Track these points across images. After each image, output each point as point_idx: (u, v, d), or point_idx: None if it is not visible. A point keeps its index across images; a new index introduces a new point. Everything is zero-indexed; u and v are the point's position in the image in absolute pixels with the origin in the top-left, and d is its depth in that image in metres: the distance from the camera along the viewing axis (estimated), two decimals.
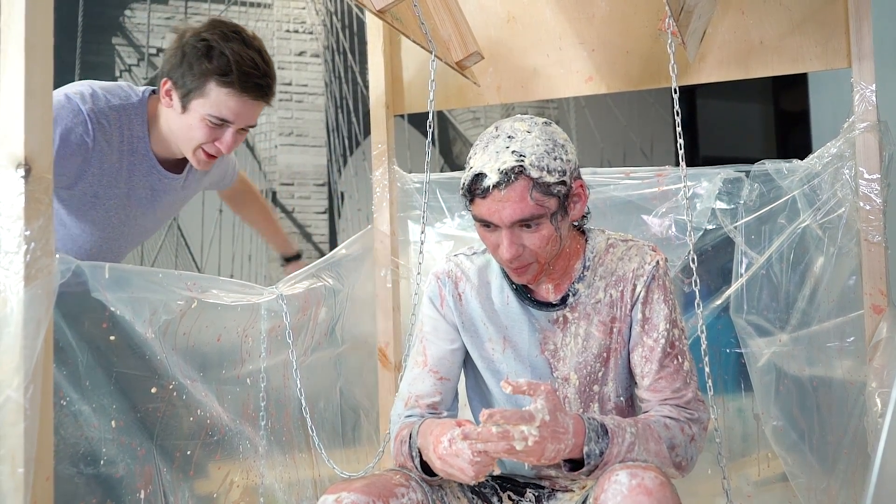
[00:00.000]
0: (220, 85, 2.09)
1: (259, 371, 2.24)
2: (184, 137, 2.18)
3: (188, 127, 2.15)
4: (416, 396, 1.88)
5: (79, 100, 2.10)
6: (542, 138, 1.70)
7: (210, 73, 2.09)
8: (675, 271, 2.49)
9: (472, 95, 2.63)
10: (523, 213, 1.67)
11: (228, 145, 2.17)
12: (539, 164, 1.66)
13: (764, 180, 2.42)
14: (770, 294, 2.42)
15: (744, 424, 2.61)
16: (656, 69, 2.44)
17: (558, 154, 1.69)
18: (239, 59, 2.09)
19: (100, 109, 2.12)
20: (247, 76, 2.10)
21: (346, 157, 4.97)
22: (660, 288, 1.81)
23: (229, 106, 2.11)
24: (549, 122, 1.75)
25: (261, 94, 2.15)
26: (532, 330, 1.85)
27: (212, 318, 2.09)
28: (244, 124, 2.17)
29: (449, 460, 1.61)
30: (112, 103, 2.16)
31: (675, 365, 1.79)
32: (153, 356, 1.94)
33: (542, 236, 1.70)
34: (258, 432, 2.24)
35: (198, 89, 2.11)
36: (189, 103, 2.13)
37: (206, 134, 2.15)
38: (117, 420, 1.86)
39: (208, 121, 2.13)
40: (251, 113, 2.16)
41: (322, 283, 2.45)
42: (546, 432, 1.55)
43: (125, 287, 1.86)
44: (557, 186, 1.68)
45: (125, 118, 2.18)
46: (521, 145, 1.68)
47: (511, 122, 1.74)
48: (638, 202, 2.53)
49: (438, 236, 2.80)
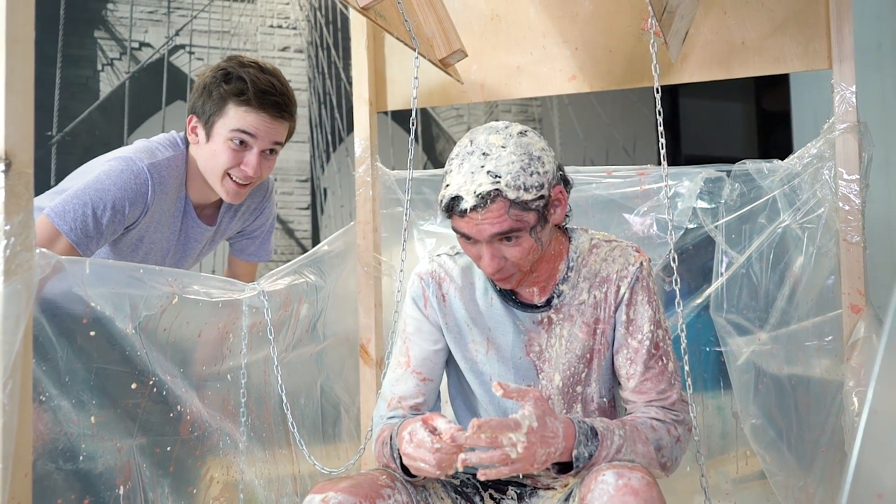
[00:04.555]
0: (238, 104, 2.16)
1: (240, 367, 2.24)
2: (211, 167, 2.22)
3: (213, 154, 2.20)
4: (398, 398, 1.88)
5: (136, 158, 2.14)
6: (518, 153, 1.68)
7: (228, 95, 2.16)
8: (656, 270, 2.49)
9: (456, 93, 2.63)
10: (502, 229, 1.67)
11: (254, 167, 2.19)
12: (515, 184, 1.65)
13: (745, 180, 2.43)
14: (750, 293, 2.43)
15: (723, 422, 2.62)
16: (639, 68, 2.45)
17: (535, 168, 1.68)
18: (255, 79, 2.16)
19: (159, 162, 2.18)
20: (263, 94, 2.17)
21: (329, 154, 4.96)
22: (644, 289, 1.82)
23: (249, 122, 2.17)
24: (524, 131, 1.73)
25: (279, 112, 2.20)
26: (517, 332, 1.85)
27: (193, 314, 2.08)
28: (268, 143, 2.21)
29: (413, 453, 1.62)
30: (168, 154, 2.22)
31: (660, 366, 1.80)
32: (133, 352, 1.93)
33: (523, 248, 1.71)
34: (238, 428, 2.23)
35: (218, 112, 2.17)
36: (212, 129, 2.19)
37: (230, 157, 2.19)
38: (97, 416, 1.85)
39: (231, 142, 2.17)
40: (272, 131, 2.20)
41: (304, 280, 2.45)
42: (534, 438, 1.55)
43: (106, 282, 1.85)
44: (536, 202, 1.68)
45: (180, 166, 2.24)
46: (497, 164, 1.66)
47: (486, 136, 1.71)
48: (620, 201, 2.54)
49: (421, 233, 2.80)
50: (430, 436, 1.60)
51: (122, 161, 2.13)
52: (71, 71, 4.28)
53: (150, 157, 2.17)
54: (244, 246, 2.56)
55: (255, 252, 2.58)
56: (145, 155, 2.17)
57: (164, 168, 2.19)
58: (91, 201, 2.06)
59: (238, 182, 2.22)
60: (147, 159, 2.16)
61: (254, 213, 2.49)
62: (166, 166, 2.19)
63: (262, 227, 2.55)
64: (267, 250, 2.60)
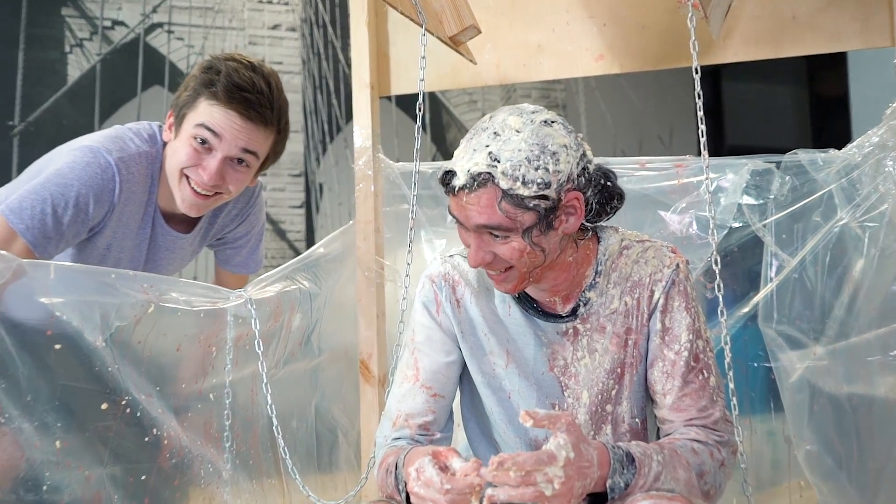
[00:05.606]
0: (208, 98, 2.13)
1: (224, 385, 2.24)
2: (170, 166, 2.19)
3: (174, 151, 2.17)
4: (405, 415, 1.88)
5: (103, 149, 2.13)
6: (530, 141, 1.68)
7: (201, 86, 2.13)
8: (697, 274, 2.49)
9: (468, 75, 2.63)
10: (490, 222, 1.68)
11: (212, 173, 2.13)
12: (512, 174, 1.65)
13: (797, 172, 2.42)
14: (803, 301, 2.42)
15: (773, 449, 2.61)
16: (675, 47, 2.44)
17: (543, 163, 1.67)
18: (233, 72, 2.13)
19: (129, 156, 2.16)
20: (235, 87, 2.11)
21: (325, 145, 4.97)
22: (681, 294, 1.81)
23: (215, 117, 2.12)
24: (551, 121, 1.73)
25: (248, 111, 2.12)
26: (539, 344, 1.84)
27: (171, 325, 2.09)
28: (234, 149, 2.14)
29: (421, 493, 1.59)
30: (142, 149, 2.19)
31: (701, 381, 1.79)
32: (104, 368, 1.93)
33: (513, 249, 1.70)
34: (222, 455, 2.23)
35: (189, 104, 2.15)
36: (181, 124, 2.16)
37: (190, 156, 2.14)
38: (62, 440, 1.86)
39: (193, 140, 2.13)
40: (241, 134, 2.13)
41: (297, 286, 2.45)
42: (572, 470, 1.54)
43: (73, 289, 1.86)
44: (535, 200, 1.67)
45: (154, 165, 2.22)
46: (501, 147, 1.67)
47: (506, 115, 1.73)
48: (654, 196, 2.53)
49: (429, 234, 2.80)
50: (441, 474, 1.58)
51: (88, 152, 2.12)
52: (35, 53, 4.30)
53: (119, 150, 2.15)
54: (228, 256, 2.55)
55: (241, 263, 2.56)
56: (114, 146, 2.15)
57: (134, 163, 2.17)
58: (51, 197, 2.05)
59: (195, 190, 2.16)
60: (116, 151, 2.14)
61: (236, 219, 2.46)
62: (136, 162, 2.17)
63: (246, 235, 2.52)
64: (256, 261, 2.59)
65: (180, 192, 2.18)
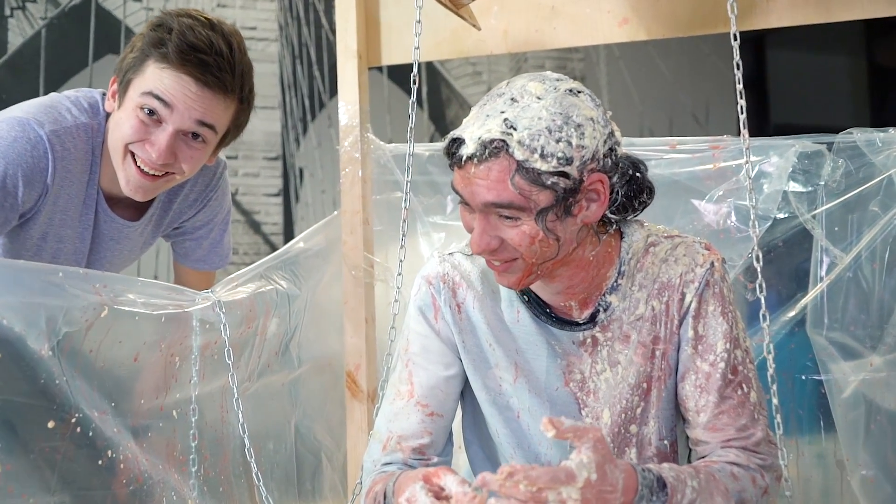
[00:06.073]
0: (158, 60, 2.09)
1: (189, 401, 2.25)
2: (113, 143, 2.15)
3: (117, 124, 2.14)
4: (397, 437, 1.88)
5: (34, 121, 2.10)
6: (552, 110, 1.68)
7: (149, 47, 2.10)
8: (736, 273, 2.50)
9: (471, 43, 2.63)
10: (499, 199, 1.67)
11: (162, 149, 2.09)
12: (530, 144, 1.65)
13: (852, 155, 2.43)
14: (858, 304, 2.43)
15: (824, 474, 2.62)
16: (711, 9, 2.45)
17: (566, 135, 1.67)
18: (187, 30, 2.09)
19: (64, 129, 2.14)
20: (189, 48, 2.08)
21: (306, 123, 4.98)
22: (716, 297, 1.82)
23: (165, 83, 2.08)
24: (578, 90, 1.74)
25: (205, 76, 2.09)
26: (552, 355, 1.85)
27: (127, 331, 2.09)
28: (188, 121, 2.11)
29: None
30: (80, 120, 2.17)
31: (740, 396, 1.79)
32: (50, 380, 1.94)
33: (523, 233, 1.70)
34: (188, 481, 2.24)
35: (134, 68, 2.12)
36: (126, 91, 2.13)
37: (135, 128, 2.10)
38: (3, 463, 1.86)
39: (140, 111, 2.10)
40: (196, 104, 2.10)
41: (273, 287, 2.46)
42: (591, 494, 1.52)
43: (14, 289, 1.86)
44: (553, 177, 1.67)
45: (96, 139, 2.19)
46: (519, 114, 1.67)
47: (526, 81, 1.73)
48: (687, 183, 2.54)
49: (426, 226, 2.80)
50: (435, 502, 1.59)
51: (16, 125, 2.09)
52: None
53: (52, 122, 2.13)
54: (188, 250, 2.54)
55: (203, 258, 2.55)
56: (47, 117, 2.13)
57: (70, 138, 2.15)
58: None
59: (142, 169, 2.13)
60: (49, 124, 2.12)
61: (195, 204, 2.45)
62: (73, 136, 2.15)
63: (208, 224, 2.51)
64: (220, 254, 2.58)
65: (124, 171, 2.15)
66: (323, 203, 4.92)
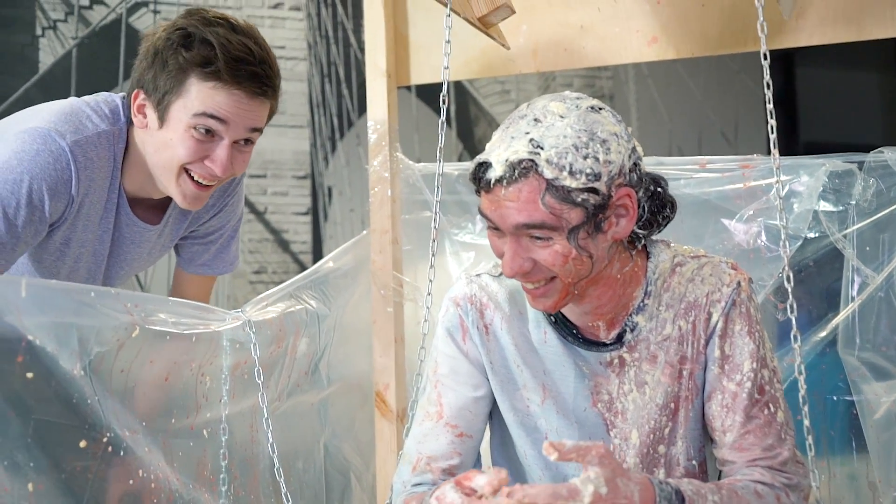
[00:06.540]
0: (204, 78, 2.08)
1: (219, 420, 2.25)
2: (164, 161, 2.15)
3: (167, 144, 2.13)
4: (427, 458, 1.89)
5: (55, 132, 2.09)
6: (577, 127, 1.69)
7: (190, 65, 2.08)
8: (766, 293, 2.49)
9: (500, 62, 2.64)
10: (530, 220, 1.67)
11: (224, 163, 2.12)
12: (558, 162, 1.66)
13: (883, 174, 2.42)
14: (891, 324, 2.41)
15: (856, 496, 2.60)
16: (741, 28, 2.44)
17: (592, 151, 1.68)
18: (226, 42, 2.08)
19: (86, 139, 2.14)
20: (236, 62, 2.08)
21: (334, 142, 4.99)
22: (742, 317, 1.82)
23: (217, 102, 2.09)
24: (599, 107, 1.75)
25: (259, 88, 2.12)
26: (579, 376, 1.85)
27: (158, 351, 2.10)
28: (243, 131, 2.14)
29: None
30: (101, 128, 2.17)
31: (766, 416, 1.79)
32: (82, 400, 1.95)
33: (556, 253, 1.70)
34: (218, 500, 2.24)
35: (175, 89, 2.10)
36: (167, 112, 2.12)
37: (192, 149, 2.11)
38: (36, 482, 1.87)
39: (194, 131, 2.10)
40: (249, 114, 2.13)
41: (302, 307, 2.46)
42: None
43: (47, 309, 1.87)
44: (583, 194, 1.67)
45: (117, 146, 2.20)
46: (544, 133, 1.68)
47: (546, 101, 1.74)
48: (717, 202, 2.53)
49: (455, 246, 2.81)
50: (465, 498, 1.59)
51: (38, 137, 2.08)
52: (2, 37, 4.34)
53: (74, 131, 2.12)
54: (194, 254, 2.52)
55: (208, 263, 2.54)
56: (68, 127, 2.11)
57: (92, 147, 2.14)
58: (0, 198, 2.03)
59: (200, 182, 2.16)
60: (70, 134, 2.11)
61: (211, 209, 2.45)
62: (95, 144, 2.15)
63: (220, 229, 2.51)
64: (226, 260, 2.56)
65: (179, 188, 2.16)
66: (352, 222, 4.93)
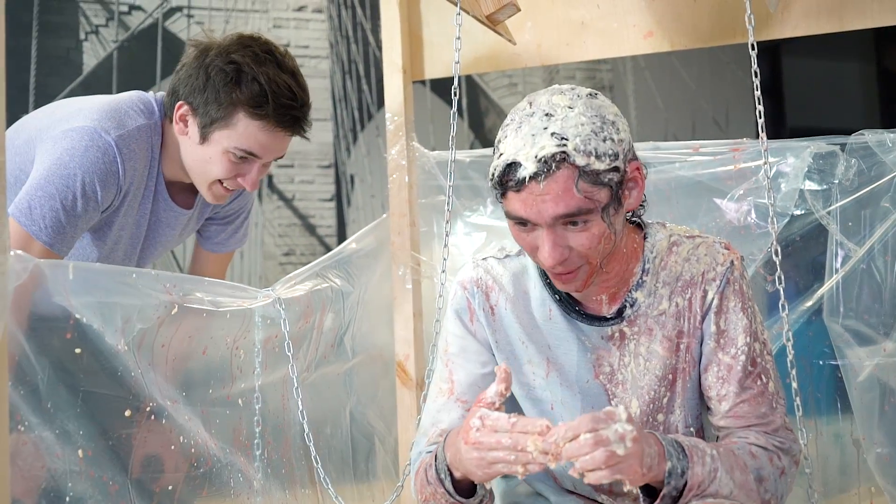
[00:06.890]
0: (252, 117, 2.16)
1: (253, 390, 2.26)
2: (199, 171, 2.24)
3: (205, 160, 2.21)
4: (440, 430, 1.87)
5: (101, 129, 2.13)
6: (588, 115, 1.67)
7: (240, 104, 2.15)
8: (756, 267, 2.48)
9: (507, 57, 2.63)
10: (568, 209, 1.64)
11: (254, 181, 2.24)
12: (586, 149, 1.64)
13: (863, 155, 2.41)
14: (872, 293, 2.40)
15: (841, 453, 2.59)
16: (730, 21, 2.43)
17: (608, 133, 1.67)
18: (275, 87, 2.15)
19: (129, 133, 2.18)
20: (284, 108, 2.17)
21: (355, 133, 4.99)
22: (736, 294, 1.81)
23: (259, 140, 2.18)
24: (594, 93, 1.73)
25: (298, 129, 2.23)
26: (582, 349, 1.84)
27: (196, 327, 2.11)
28: (272, 158, 2.25)
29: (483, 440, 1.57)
30: (139, 122, 2.22)
31: (759, 386, 1.78)
32: (126, 373, 1.96)
33: (592, 235, 1.68)
34: (252, 463, 2.25)
35: (223, 119, 2.17)
36: (210, 134, 2.19)
37: (228, 169, 2.21)
38: (85, 449, 1.88)
39: (232, 155, 2.18)
40: (282, 147, 2.25)
41: (328, 285, 2.47)
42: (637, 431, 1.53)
43: (92, 290, 1.88)
44: (609, 174, 1.66)
45: (154, 138, 2.26)
46: (563, 125, 1.65)
47: (548, 96, 1.71)
48: (709, 183, 2.52)
49: (468, 227, 2.80)
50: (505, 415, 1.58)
51: (85, 134, 2.12)
52: (49, 41, 4.35)
53: (117, 127, 2.15)
54: (211, 234, 2.56)
55: (225, 241, 2.58)
56: (112, 124, 2.15)
57: (134, 140, 2.18)
58: (57, 192, 2.06)
59: (228, 188, 2.26)
60: (114, 129, 2.14)
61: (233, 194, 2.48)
62: (136, 138, 2.19)
63: (237, 212, 2.55)
64: (237, 240, 2.61)
65: (211, 191, 2.26)
66: (373, 207, 4.93)
